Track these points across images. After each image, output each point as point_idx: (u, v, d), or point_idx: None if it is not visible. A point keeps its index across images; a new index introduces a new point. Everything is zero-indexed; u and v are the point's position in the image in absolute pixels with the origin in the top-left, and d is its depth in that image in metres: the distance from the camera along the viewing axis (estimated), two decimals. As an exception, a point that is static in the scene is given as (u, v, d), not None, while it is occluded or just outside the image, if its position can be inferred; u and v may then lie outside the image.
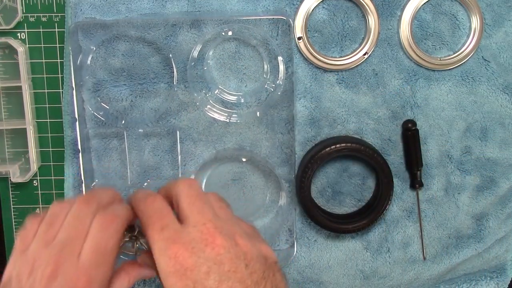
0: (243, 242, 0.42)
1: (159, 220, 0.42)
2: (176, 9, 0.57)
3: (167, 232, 0.41)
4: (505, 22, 0.57)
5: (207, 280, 0.39)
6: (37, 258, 0.40)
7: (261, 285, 0.40)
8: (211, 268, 0.39)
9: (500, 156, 0.60)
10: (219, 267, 0.39)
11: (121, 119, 0.58)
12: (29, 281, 0.39)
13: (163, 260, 0.40)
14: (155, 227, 0.42)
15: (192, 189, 0.44)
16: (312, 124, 0.59)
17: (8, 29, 0.57)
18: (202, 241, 0.40)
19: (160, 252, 0.40)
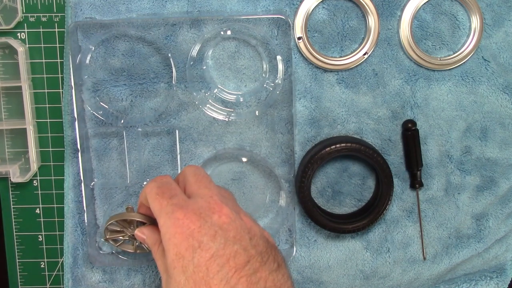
0: (247, 219, 0.44)
1: (168, 190, 0.44)
2: (176, 9, 0.57)
3: (176, 199, 0.43)
4: (505, 22, 0.57)
5: (212, 242, 0.40)
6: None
7: (264, 257, 0.41)
8: (217, 232, 0.41)
9: (500, 156, 0.60)
10: (224, 233, 0.41)
11: (121, 119, 0.58)
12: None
13: (170, 222, 0.41)
14: (165, 196, 0.44)
15: (199, 171, 0.48)
16: (312, 124, 0.59)
17: (8, 29, 0.57)
18: (209, 209, 0.42)
19: (167, 216, 0.42)
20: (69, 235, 0.61)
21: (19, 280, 0.63)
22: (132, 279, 0.62)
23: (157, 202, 0.44)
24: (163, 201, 0.43)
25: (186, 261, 0.40)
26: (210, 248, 0.40)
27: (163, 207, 0.43)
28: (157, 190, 0.45)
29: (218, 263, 0.40)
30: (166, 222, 0.42)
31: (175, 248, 0.41)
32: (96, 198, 0.60)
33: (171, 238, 0.41)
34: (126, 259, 0.60)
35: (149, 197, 0.45)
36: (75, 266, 0.61)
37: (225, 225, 0.42)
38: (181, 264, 0.40)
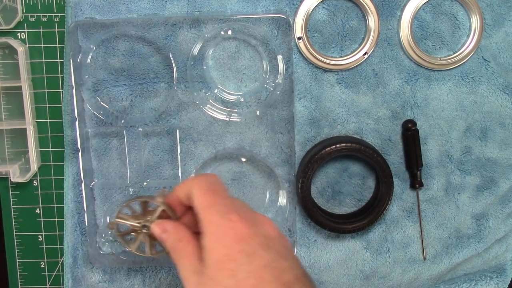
0: (286, 238, 0.44)
1: (221, 190, 0.43)
2: (176, 9, 0.57)
3: (229, 200, 0.42)
4: (505, 22, 0.57)
5: (266, 252, 0.39)
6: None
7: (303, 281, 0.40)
8: (269, 243, 0.40)
9: (500, 156, 0.60)
10: (275, 246, 0.40)
11: (121, 119, 0.58)
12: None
13: (223, 221, 0.40)
14: (218, 194, 0.42)
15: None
16: (312, 124, 0.59)
17: (8, 29, 0.57)
18: (259, 220, 0.42)
19: (220, 214, 0.40)
20: (69, 235, 0.61)
21: (19, 280, 0.63)
22: (132, 279, 0.62)
23: (208, 197, 0.42)
24: (217, 198, 0.42)
25: (238, 264, 0.38)
26: (263, 257, 0.39)
27: (215, 204, 0.41)
28: (209, 186, 0.43)
29: (272, 274, 0.38)
30: (218, 220, 0.40)
31: (225, 248, 0.39)
32: (96, 198, 0.60)
33: (221, 237, 0.39)
34: (126, 259, 0.60)
35: (197, 191, 0.43)
36: (75, 266, 0.61)
37: (275, 239, 0.41)
38: (232, 267, 0.38)
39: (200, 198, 0.42)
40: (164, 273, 0.62)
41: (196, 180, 0.44)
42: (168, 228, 0.45)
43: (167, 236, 0.45)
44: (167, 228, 0.45)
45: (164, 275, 0.62)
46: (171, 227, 0.45)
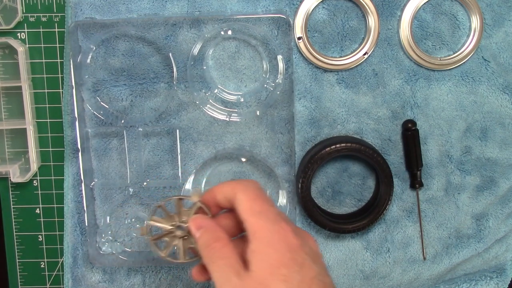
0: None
1: (269, 198, 0.43)
2: (176, 9, 0.57)
3: (277, 209, 0.42)
4: (505, 22, 0.57)
5: (314, 264, 0.40)
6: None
7: None
8: (315, 256, 0.41)
9: (500, 156, 0.60)
10: (320, 261, 0.41)
11: (121, 119, 0.58)
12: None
13: (274, 228, 0.40)
14: (267, 201, 0.42)
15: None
16: (312, 124, 0.59)
17: (8, 29, 0.57)
18: (305, 234, 0.43)
19: (270, 221, 0.40)
20: (69, 235, 0.61)
21: (19, 280, 0.63)
22: (132, 279, 0.62)
23: (258, 203, 0.42)
24: (266, 205, 0.42)
25: (291, 272, 0.38)
26: (312, 268, 0.39)
27: (265, 211, 0.41)
28: (257, 192, 0.43)
29: (319, 286, 0.39)
30: (270, 226, 0.40)
31: (278, 254, 0.39)
32: (96, 198, 0.60)
33: (274, 243, 0.39)
34: (126, 259, 0.60)
35: (243, 195, 0.42)
36: (75, 266, 0.61)
37: (318, 254, 0.41)
38: (285, 273, 0.38)
39: (248, 203, 0.42)
40: (164, 273, 0.62)
41: (240, 185, 0.44)
42: (204, 224, 0.44)
43: (201, 233, 0.44)
44: (202, 225, 0.44)
45: (164, 275, 0.62)
46: (207, 224, 0.44)
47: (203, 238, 0.43)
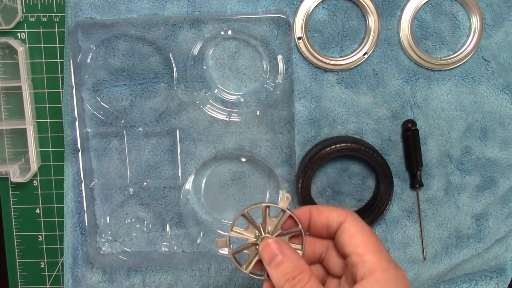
0: None
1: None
2: (176, 9, 0.57)
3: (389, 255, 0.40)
4: (505, 22, 0.57)
5: None
6: None
7: None
8: None
9: (500, 156, 0.60)
10: None
11: (121, 119, 0.58)
12: None
13: (399, 274, 0.38)
14: (383, 247, 0.40)
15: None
16: (312, 124, 0.59)
17: (8, 29, 0.57)
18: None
19: (393, 266, 0.39)
20: (69, 235, 0.61)
21: (19, 280, 0.63)
22: (132, 279, 0.62)
23: (375, 240, 0.39)
24: (382, 246, 0.39)
25: None
26: None
27: (384, 251, 0.39)
28: (368, 228, 0.40)
29: None
30: (390, 270, 0.38)
31: None
32: (96, 198, 0.60)
33: (397, 286, 0.38)
34: (126, 259, 0.60)
35: (357, 226, 0.40)
36: (75, 266, 0.61)
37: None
38: None
39: (364, 238, 0.40)
40: (164, 273, 0.62)
41: (351, 214, 0.41)
42: (287, 252, 0.40)
43: (282, 261, 0.40)
44: (285, 252, 0.40)
45: (164, 275, 0.62)
46: (290, 252, 0.40)
47: (283, 267, 0.39)
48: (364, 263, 0.38)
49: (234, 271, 0.62)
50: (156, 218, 0.61)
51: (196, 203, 0.61)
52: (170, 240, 0.61)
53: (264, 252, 0.41)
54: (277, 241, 0.41)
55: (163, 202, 0.60)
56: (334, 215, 0.41)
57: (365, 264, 0.38)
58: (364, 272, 0.38)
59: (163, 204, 0.60)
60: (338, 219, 0.41)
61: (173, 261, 0.61)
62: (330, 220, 0.42)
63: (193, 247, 0.61)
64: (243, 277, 0.62)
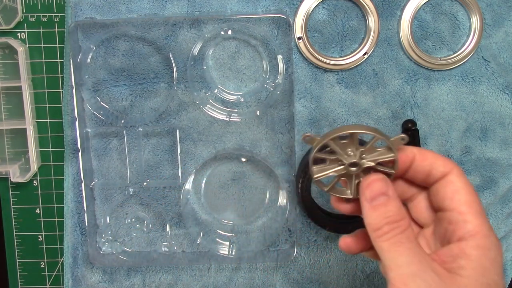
0: None
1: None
2: (176, 9, 0.57)
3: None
4: (505, 22, 0.57)
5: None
6: None
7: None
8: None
9: (500, 156, 0.60)
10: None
11: (121, 119, 0.58)
12: None
13: (497, 244, 0.36)
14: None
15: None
16: (312, 124, 0.59)
17: (8, 29, 0.57)
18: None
19: (494, 235, 0.36)
20: (69, 235, 0.61)
21: (19, 280, 0.63)
22: (132, 279, 0.62)
23: (478, 203, 0.36)
24: (484, 215, 0.36)
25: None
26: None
27: (485, 216, 0.36)
28: (476, 193, 0.37)
29: None
30: (493, 239, 0.36)
31: (491, 270, 0.35)
32: (96, 198, 0.60)
33: (491, 257, 0.35)
34: (126, 259, 0.60)
35: (464, 183, 0.37)
36: (75, 266, 0.61)
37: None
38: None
39: (470, 197, 0.37)
40: (164, 273, 0.62)
41: (456, 167, 0.37)
42: (393, 195, 0.37)
43: (386, 202, 0.37)
44: (391, 194, 0.37)
45: (164, 275, 0.62)
46: (395, 196, 0.37)
47: (386, 209, 0.36)
48: (465, 224, 0.36)
49: (234, 271, 0.62)
50: (156, 218, 0.61)
51: (196, 203, 0.61)
52: (170, 240, 0.61)
53: (368, 188, 0.38)
54: (383, 179, 0.38)
55: (163, 202, 0.60)
56: (440, 163, 0.38)
57: (466, 225, 0.36)
58: (464, 233, 0.36)
59: (163, 204, 0.60)
60: (444, 168, 0.38)
61: (173, 261, 0.61)
62: (434, 168, 0.38)
63: (193, 247, 0.61)
64: (243, 277, 0.62)
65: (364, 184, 0.38)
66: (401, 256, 0.35)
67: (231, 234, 0.61)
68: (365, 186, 0.38)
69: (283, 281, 0.62)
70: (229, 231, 0.61)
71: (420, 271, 0.34)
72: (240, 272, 0.62)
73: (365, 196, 0.38)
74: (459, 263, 0.35)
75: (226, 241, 0.60)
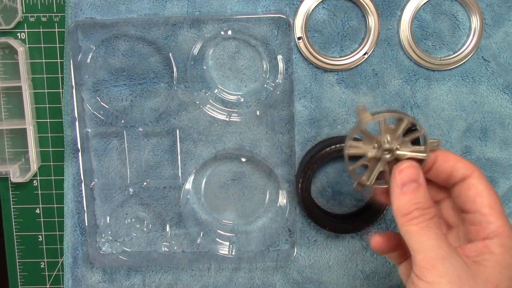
0: None
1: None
2: (176, 9, 0.57)
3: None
4: (505, 22, 0.57)
5: None
6: None
7: None
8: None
9: (500, 156, 0.60)
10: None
11: (121, 119, 0.58)
12: None
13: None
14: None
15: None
16: (312, 124, 0.59)
17: (8, 29, 0.57)
18: None
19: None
20: (69, 235, 0.61)
21: (19, 280, 0.63)
22: (132, 279, 0.62)
23: (499, 204, 0.38)
24: (506, 216, 0.38)
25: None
26: None
27: (508, 221, 0.38)
28: (497, 195, 0.39)
29: None
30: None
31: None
32: (96, 198, 0.60)
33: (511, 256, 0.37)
34: (126, 259, 0.60)
35: (485, 185, 0.38)
36: (75, 266, 0.61)
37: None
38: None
39: (492, 199, 0.38)
40: (164, 273, 0.62)
41: (477, 170, 0.39)
42: (423, 183, 0.39)
43: (417, 189, 0.38)
44: (422, 182, 0.39)
45: (164, 275, 0.62)
46: (423, 182, 0.39)
47: (417, 195, 0.38)
48: (488, 224, 0.37)
49: (234, 271, 0.62)
50: (156, 218, 0.61)
51: (196, 203, 0.61)
52: (170, 240, 0.61)
53: (400, 175, 0.39)
54: (416, 167, 0.39)
55: (163, 202, 0.60)
56: (461, 165, 0.39)
57: (489, 226, 0.37)
58: (488, 233, 0.37)
59: (163, 204, 0.61)
60: (464, 171, 0.39)
61: (173, 261, 0.61)
62: (455, 169, 0.39)
63: (193, 247, 0.61)
64: (243, 277, 0.62)
65: (396, 170, 0.39)
66: (430, 239, 0.36)
67: (231, 234, 0.61)
68: (398, 172, 0.39)
69: (283, 281, 0.62)
70: (229, 231, 0.61)
71: (448, 255, 0.36)
72: (240, 272, 0.62)
73: (396, 181, 0.39)
74: (484, 257, 0.36)
75: (226, 241, 0.60)
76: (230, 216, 0.61)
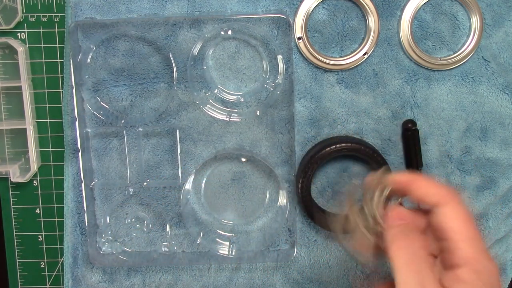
0: None
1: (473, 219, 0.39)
2: (176, 9, 0.57)
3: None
4: (505, 22, 0.57)
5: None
6: None
7: None
8: None
9: (500, 156, 0.60)
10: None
11: (121, 119, 0.58)
12: None
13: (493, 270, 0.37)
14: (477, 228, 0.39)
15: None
16: (312, 124, 0.59)
17: (8, 29, 0.57)
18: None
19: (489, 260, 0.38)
20: (69, 235, 0.61)
21: (19, 280, 0.63)
22: (132, 279, 0.62)
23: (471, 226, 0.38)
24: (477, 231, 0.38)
25: None
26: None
27: (477, 238, 0.38)
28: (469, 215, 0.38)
29: None
30: (485, 263, 0.37)
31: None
32: (96, 198, 0.60)
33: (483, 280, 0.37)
34: (126, 259, 0.60)
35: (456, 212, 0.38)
36: (75, 266, 0.61)
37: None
38: None
39: (462, 225, 0.38)
40: (164, 273, 0.62)
41: (452, 198, 0.39)
42: (407, 218, 0.41)
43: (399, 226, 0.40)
44: (405, 217, 0.41)
45: (164, 275, 0.62)
46: (409, 218, 0.40)
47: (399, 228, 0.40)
48: (458, 251, 0.37)
49: (234, 271, 0.62)
50: (156, 218, 0.61)
51: (196, 203, 0.61)
52: (170, 240, 0.61)
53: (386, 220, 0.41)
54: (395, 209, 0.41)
55: (163, 202, 0.60)
56: (433, 192, 0.40)
57: (459, 252, 0.37)
58: (457, 261, 0.37)
59: (163, 204, 0.61)
60: (436, 198, 0.39)
61: (173, 261, 0.61)
62: (427, 196, 0.40)
63: (193, 247, 0.61)
64: (243, 277, 0.62)
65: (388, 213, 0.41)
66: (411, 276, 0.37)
67: (231, 234, 0.61)
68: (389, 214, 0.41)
69: (283, 281, 0.62)
70: (229, 231, 0.61)
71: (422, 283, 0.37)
72: (240, 272, 0.62)
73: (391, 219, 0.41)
74: (457, 286, 0.37)
75: (226, 241, 0.60)
76: (230, 216, 0.61)
